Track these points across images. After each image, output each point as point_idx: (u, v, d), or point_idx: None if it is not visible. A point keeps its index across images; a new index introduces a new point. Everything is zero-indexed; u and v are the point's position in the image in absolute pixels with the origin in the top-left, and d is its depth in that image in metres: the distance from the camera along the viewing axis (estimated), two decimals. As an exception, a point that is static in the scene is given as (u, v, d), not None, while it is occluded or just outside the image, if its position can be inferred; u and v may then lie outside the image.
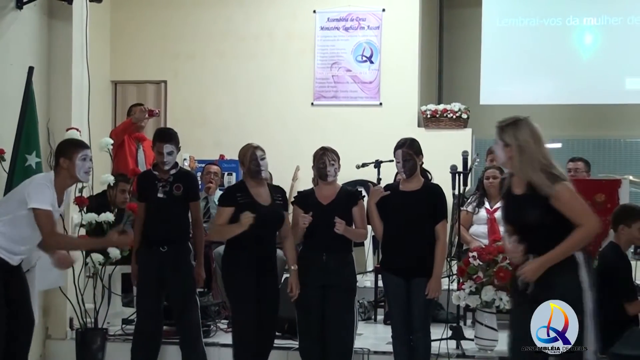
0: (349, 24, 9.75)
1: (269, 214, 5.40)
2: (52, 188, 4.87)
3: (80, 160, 4.93)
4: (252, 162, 5.43)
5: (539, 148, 4.26)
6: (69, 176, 4.95)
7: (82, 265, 6.25)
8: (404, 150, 5.40)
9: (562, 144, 10.33)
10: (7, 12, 6.00)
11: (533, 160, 4.21)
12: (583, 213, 4.17)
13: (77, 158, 4.92)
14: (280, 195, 5.60)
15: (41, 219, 4.79)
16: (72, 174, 4.94)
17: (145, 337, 5.84)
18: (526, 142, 4.24)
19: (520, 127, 4.29)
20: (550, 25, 9.83)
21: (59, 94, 6.53)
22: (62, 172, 4.94)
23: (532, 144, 4.24)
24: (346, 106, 9.71)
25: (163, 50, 10.06)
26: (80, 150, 4.98)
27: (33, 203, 4.77)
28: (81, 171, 4.95)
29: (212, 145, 9.52)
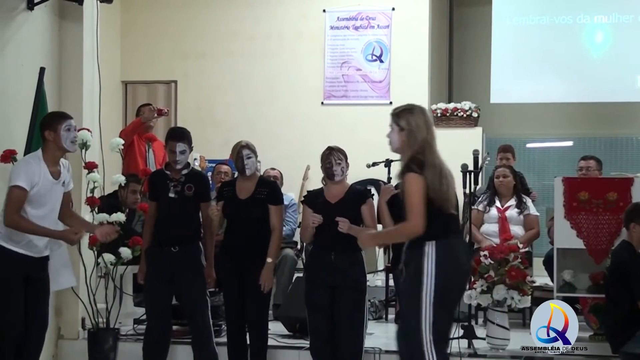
0: (359, 23, 9.75)
1: (241, 207, 5.68)
2: (39, 163, 4.95)
3: (64, 130, 5.01)
4: (238, 160, 5.74)
5: (428, 136, 4.36)
6: (56, 148, 5.03)
7: (93, 265, 6.26)
8: None
9: (574, 142, 10.32)
10: (18, 13, 6.01)
11: (416, 145, 4.32)
12: (412, 210, 4.24)
13: (62, 129, 5.01)
14: (265, 189, 5.76)
15: (10, 195, 4.86)
16: (58, 145, 5.02)
17: (155, 337, 5.84)
18: (418, 127, 4.36)
19: (415, 113, 4.42)
20: (561, 24, 9.79)
21: (69, 94, 6.54)
22: (49, 144, 5.02)
23: (423, 131, 4.35)
24: (356, 105, 9.71)
25: (173, 51, 10.07)
26: (63, 120, 5.06)
27: (12, 180, 4.87)
28: (67, 141, 5.03)
29: (222, 145, 9.47)
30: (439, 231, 4.28)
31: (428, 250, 4.25)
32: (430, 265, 4.24)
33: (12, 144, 5.82)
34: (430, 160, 4.29)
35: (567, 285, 6.23)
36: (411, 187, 4.24)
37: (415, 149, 4.32)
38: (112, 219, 6.21)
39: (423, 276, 4.23)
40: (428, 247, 4.25)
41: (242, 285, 5.74)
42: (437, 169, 4.29)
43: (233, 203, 5.76)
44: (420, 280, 4.24)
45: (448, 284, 4.29)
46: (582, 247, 6.10)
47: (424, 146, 4.32)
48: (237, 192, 5.79)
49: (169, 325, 5.90)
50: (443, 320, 4.33)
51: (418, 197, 4.22)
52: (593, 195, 6.05)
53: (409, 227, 4.27)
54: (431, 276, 4.23)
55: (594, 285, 6.19)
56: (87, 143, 6.19)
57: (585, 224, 6.04)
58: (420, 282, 4.24)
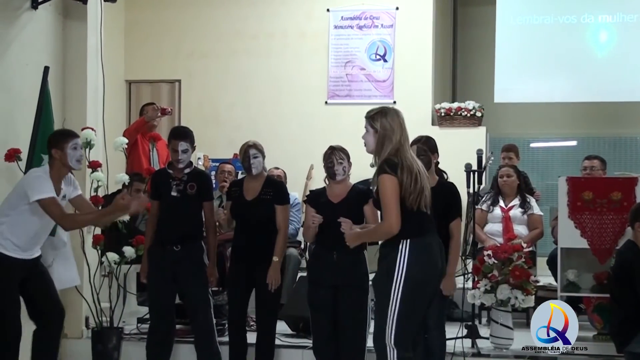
0: (363, 22, 9.74)
1: (248, 207, 5.72)
2: (48, 179, 5.09)
3: (71, 149, 5.16)
4: (245, 159, 5.79)
5: (402, 138, 4.44)
6: (62, 165, 5.18)
7: (97, 264, 6.27)
8: (418, 146, 5.42)
9: (578, 142, 10.30)
10: (22, 12, 6.02)
11: (389, 147, 4.40)
12: (386, 210, 4.34)
13: (68, 147, 5.15)
14: (271, 189, 5.79)
15: (49, 206, 5.00)
16: (64, 163, 5.17)
17: (159, 336, 5.85)
18: (392, 129, 4.44)
19: (389, 115, 4.50)
20: (565, 23, 9.77)
21: (73, 93, 6.56)
22: (56, 162, 5.17)
23: (397, 133, 4.43)
24: (360, 105, 9.68)
25: (177, 50, 10.08)
26: (70, 139, 5.20)
27: (35, 195, 4.98)
28: (73, 160, 5.18)
29: (226, 144, 9.52)
30: (414, 230, 4.37)
31: (402, 248, 4.33)
32: (402, 263, 4.32)
33: (16, 143, 5.84)
34: (403, 161, 4.37)
35: (571, 285, 6.22)
36: (385, 188, 4.33)
37: (388, 151, 4.40)
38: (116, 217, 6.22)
39: (394, 273, 4.31)
40: (402, 245, 4.34)
41: (248, 286, 5.76)
42: (410, 169, 4.37)
43: (240, 204, 5.78)
44: (391, 277, 4.32)
45: (419, 282, 4.35)
46: (586, 246, 6.09)
47: (398, 148, 4.41)
48: (243, 193, 5.81)
49: (172, 324, 5.91)
50: (409, 319, 4.37)
51: (392, 197, 4.32)
52: (597, 194, 6.04)
53: (384, 227, 4.38)
54: (402, 274, 4.30)
55: (598, 285, 6.18)
56: (91, 142, 6.19)
57: (589, 224, 6.03)
58: (390, 279, 4.31)
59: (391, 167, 4.33)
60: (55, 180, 5.14)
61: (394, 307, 4.31)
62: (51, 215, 5.03)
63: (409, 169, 4.36)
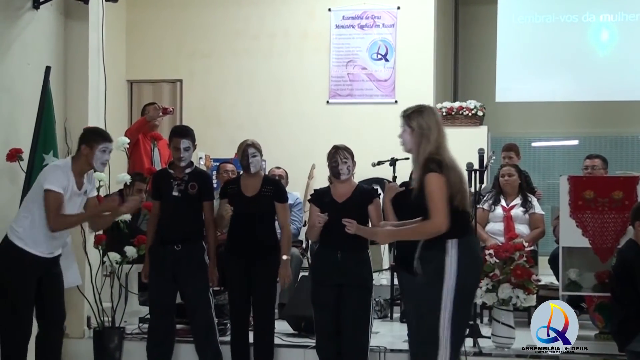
0: (364, 22, 9.74)
1: (250, 203, 5.73)
2: (67, 172, 5.05)
3: (100, 151, 5.12)
4: (243, 158, 5.80)
5: (439, 136, 4.40)
6: (86, 163, 5.14)
7: (99, 264, 6.27)
8: None
9: (579, 141, 10.31)
10: (24, 12, 6.02)
11: (430, 146, 4.36)
12: (436, 209, 4.26)
13: (98, 149, 5.11)
14: (271, 187, 5.83)
15: (48, 199, 4.96)
16: (89, 161, 5.12)
17: (159, 336, 5.86)
18: (429, 128, 4.40)
19: (425, 113, 4.48)
20: (567, 22, 9.77)
21: (75, 93, 6.56)
22: (81, 158, 5.13)
23: (435, 131, 4.39)
24: (362, 104, 9.70)
25: (178, 50, 10.08)
26: (102, 141, 5.16)
27: (46, 184, 4.95)
28: (98, 162, 5.14)
29: (228, 144, 9.48)
30: (460, 229, 4.33)
31: (450, 248, 4.28)
32: (452, 264, 4.26)
33: (17, 143, 5.84)
34: (446, 159, 4.33)
35: (573, 284, 6.22)
36: (433, 187, 4.27)
37: (429, 150, 4.35)
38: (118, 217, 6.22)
39: (445, 275, 4.26)
40: (450, 246, 4.28)
41: (249, 284, 5.76)
42: (454, 167, 4.34)
43: (239, 200, 5.78)
44: (441, 278, 4.26)
45: (468, 283, 4.34)
46: (588, 245, 6.08)
47: (438, 146, 4.36)
48: (242, 189, 5.82)
49: (173, 323, 5.92)
50: (461, 320, 4.36)
51: (441, 195, 4.26)
52: (599, 194, 6.03)
53: (433, 225, 4.28)
54: (453, 275, 4.25)
55: (599, 284, 6.18)
56: (93, 142, 6.20)
57: (590, 223, 6.02)
58: (441, 281, 4.25)
59: (438, 165, 4.28)
60: (77, 175, 5.11)
61: (448, 311, 4.25)
62: (47, 207, 4.96)
63: (453, 167, 4.34)
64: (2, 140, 5.81)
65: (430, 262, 4.35)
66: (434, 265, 4.31)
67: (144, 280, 5.99)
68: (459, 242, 4.29)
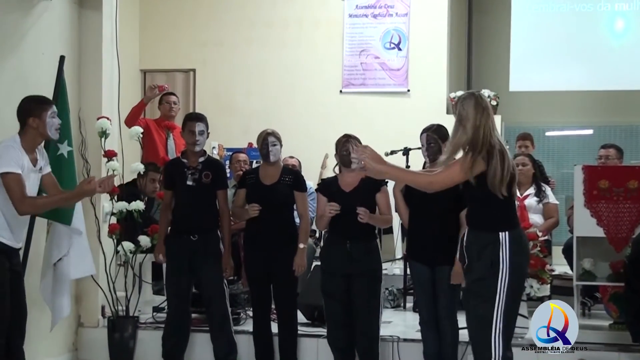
0: (377, 11, 9.72)
1: (269, 192, 5.72)
2: (18, 149, 4.71)
3: (50, 117, 4.83)
4: (262, 146, 5.79)
5: (480, 123, 4.33)
6: (38, 134, 4.81)
7: (113, 253, 6.29)
8: (429, 134, 5.40)
9: (594, 130, 10.25)
10: (38, 2, 6.02)
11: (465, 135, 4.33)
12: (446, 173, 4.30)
13: (47, 116, 4.82)
14: (291, 176, 5.82)
15: (9, 183, 4.59)
16: (42, 132, 4.80)
17: (175, 325, 5.88)
18: (466, 118, 4.35)
19: (466, 101, 4.42)
20: (581, 11, 9.72)
21: (89, 82, 6.56)
22: (31, 131, 4.78)
23: (472, 119, 4.33)
24: (374, 94, 9.69)
25: (191, 39, 10.08)
26: (48, 107, 4.87)
27: (2, 167, 4.60)
28: (52, 129, 4.85)
29: (241, 133, 9.54)
30: (511, 221, 4.38)
31: (503, 240, 4.29)
32: (506, 255, 4.27)
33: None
34: (494, 145, 4.29)
35: (587, 274, 6.19)
36: (459, 162, 4.29)
37: (465, 138, 4.32)
38: (132, 207, 6.25)
39: (500, 266, 4.27)
40: (503, 237, 4.29)
41: (269, 273, 5.77)
42: (501, 151, 4.30)
43: (258, 189, 5.78)
44: (497, 269, 4.27)
45: (521, 274, 4.38)
46: (602, 235, 6.04)
47: (477, 133, 4.30)
48: (261, 178, 5.82)
49: (189, 313, 5.94)
50: (513, 310, 4.39)
51: (458, 171, 4.27)
52: (613, 183, 5.99)
53: (424, 179, 4.39)
54: (507, 266, 4.27)
55: (614, 274, 6.14)
56: (107, 131, 6.21)
57: (605, 212, 5.98)
58: (496, 272, 4.27)
59: (486, 153, 4.25)
60: (29, 151, 4.76)
61: (501, 303, 4.28)
62: (11, 193, 4.58)
63: (502, 153, 4.29)
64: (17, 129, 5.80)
65: (482, 254, 4.33)
66: (489, 256, 4.30)
67: (158, 259, 5.97)
68: (510, 234, 4.31)
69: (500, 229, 4.29)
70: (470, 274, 4.45)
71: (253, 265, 5.84)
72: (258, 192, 5.77)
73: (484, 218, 4.37)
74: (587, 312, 6.66)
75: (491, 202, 4.30)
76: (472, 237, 4.41)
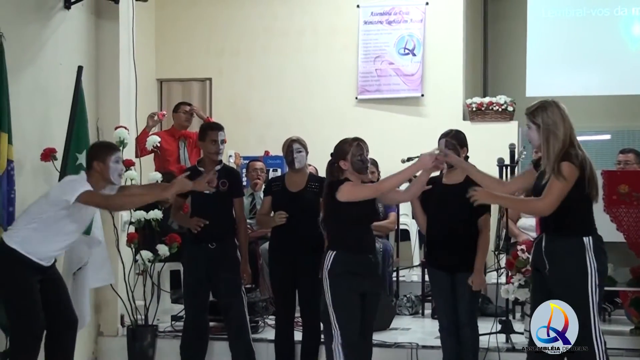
0: (392, 17, 9.71)
1: (296, 200, 5.72)
2: (85, 185, 4.89)
3: (113, 162, 5.03)
4: (288, 153, 5.82)
5: (566, 130, 4.41)
6: (102, 179, 5.02)
7: (131, 262, 6.32)
8: (447, 140, 5.37)
9: (612, 135, 10.18)
10: (55, 12, 6.08)
11: (558, 142, 4.37)
12: (552, 193, 4.30)
13: (111, 161, 5.02)
14: (317, 183, 5.80)
15: (89, 199, 4.85)
16: (105, 176, 5.02)
17: (194, 333, 5.89)
18: (555, 124, 4.41)
19: (549, 109, 4.51)
20: (598, 16, 9.67)
21: (106, 92, 6.60)
22: (95, 174, 5.02)
23: (561, 126, 4.41)
24: (390, 100, 9.68)
25: (207, 48, 10.11)
26: (113, 152, 5.08)
27: (72, 197, 4.79)
28: (115, 174, 5.05)
29: (257, 142, 9.56)
30: (593, 226, 4.44)
31: (588, 245, 4.33)
32: (592, 260, 4.32)
33: (51, 142, 5.89)
34: (581, 153, 4.36)
35: (607, 279, 6.15)
36: (564, 174, 4.29)
37: (559, 145, 4.36)
38: (149, 217, 6.27)
39: (588, 270, 4.31)
40: (587, 242, 4.34)
41: (294, 280, 5.76)
42: (588, 160, 4.38)
43: (285, 196, 5.79)
44: (585, 274, 4.31)
45: (604, 278, 4.43)
46: (622, 240, 6.01)
47: (566, 140, 4.37)
48: (287, 185, 5.83)
49: (207, 321, 5.95)
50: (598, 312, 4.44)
51: (564, 185, 4.29)
52: (633, 188, 5.96)
53: (539, 205, 4.36)
54: (594, 271, 4.31)
55: (634, 279, 6.11)
56: (124, 141, 6.24)
57: (625, 217, 5.95)
58: (585, 276, 4.31)
59: (576, 158, 4.31)
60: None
61: (595, 305, 4.34)
62: (97, 204, 5.00)
63: (587, 160, 4.38)
64: (37, 139, 5.87)
65: (569, 259, 4.36)
66: (575, 262, 4.33)
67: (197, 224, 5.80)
68: (593, 238, 4.36)
69: (585, 234, 4.36)
70: (553, 278, 4.44)
71: (279, 271, 5.83)
72: (284, 200, 5.77)
73: (568, 222, 4.39)
74: (607, 318, 6.63)
75: (575, 207, 4.36)
76: (556, 241, 4.42)
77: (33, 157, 5.79)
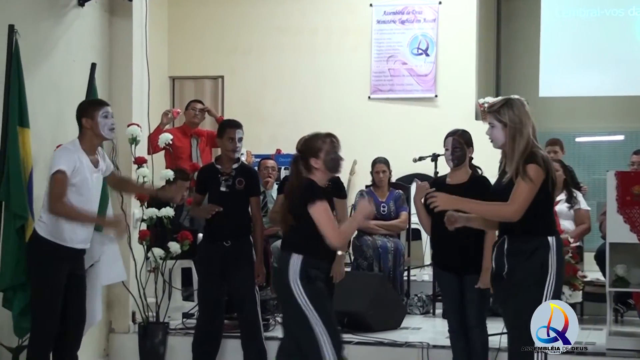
0: (405, 17, 9.71)
1: None
2: (77, 152, 4.87)
3: (102, 117, 4.95)
4: None
5: (531, 129, 4.30)
6: (94, 135, 4.96)
7: (143, 260, 6.32)
8: (454, 138, 5.35)
9: (625, 136, 10.14)
10: (69, 10, 6.09)
11: (523, 141, 4.25)
12: (519, 198, 4.18)
13: (99, 116, 4.94)
14: (330, 182, 5.59)
15: (52, 182, 4.77)
16: (96, 132, 4.95)
17: (207, 331, 5.89)
18: (522, 123, 4.28)
19: (515, 106, 4.33)
20: (612, 16, 9.63)
21: (119, 90, 6.61)
22: (87, 132, 4.96)
23: (528, 125, 4.29)
24: (403, 100, 9.67)
25: (220, 46, 10.13)
26: (100, 107, 5.00)
27: (54, 167, 4.78)
28: (105, 128, 4.96)
29: (269, 140, 9.57)
30: (554, 226, 4.41)
31: (552, 244, 4.28)
32: (553, 260, 4.27)
33: (65, 139, 5.86)
34: (544, 153, 4.30)
35: (620, 280, 6.13)
36: (530, 177, 4.18)
37: (524, 144, 4.25)
38: (161, 214, 6.27)
39: (549, 269, 4.26)
40: (552, 242, 4.28)
41: None
42: (550, 161, 4.30)
43: None
44: (545, 273, 4.26)
45: (561, 279, 4.39)
46: (636, 241, 5.98)
47: (531, 139, 4.28)
48: None
49: (221, 319, 5.93)
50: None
51: (531, 188, 4.19)
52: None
53: (509, 210, 4.22)
54: (554, 270, 4.27)
55: (647, 281, 6.09)
56: (137, 138, 6.24)
57: (638, 218, 5.93)
58: (545, 275, 4.26)
59: (541, 159, 4.22)
60: (88, 152, 4.94)
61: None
62: (50, 190, 4.80)
63: (549, 160, 4.31)
64: (51, 136, 5.87)
65: (533, 258, 4.29)
66: (539, 260, 4.27)
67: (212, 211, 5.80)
68: (556, 238, 4.32)
69: (549, 234, 4.29)
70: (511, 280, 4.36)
71: None
72: None
73: (533, 223, 4.29)
74: (620, 319, 6.60)
75: (541, 208, 4.26)
76: (518, 243, 4.34)
77: (47, 153, 5.79)
